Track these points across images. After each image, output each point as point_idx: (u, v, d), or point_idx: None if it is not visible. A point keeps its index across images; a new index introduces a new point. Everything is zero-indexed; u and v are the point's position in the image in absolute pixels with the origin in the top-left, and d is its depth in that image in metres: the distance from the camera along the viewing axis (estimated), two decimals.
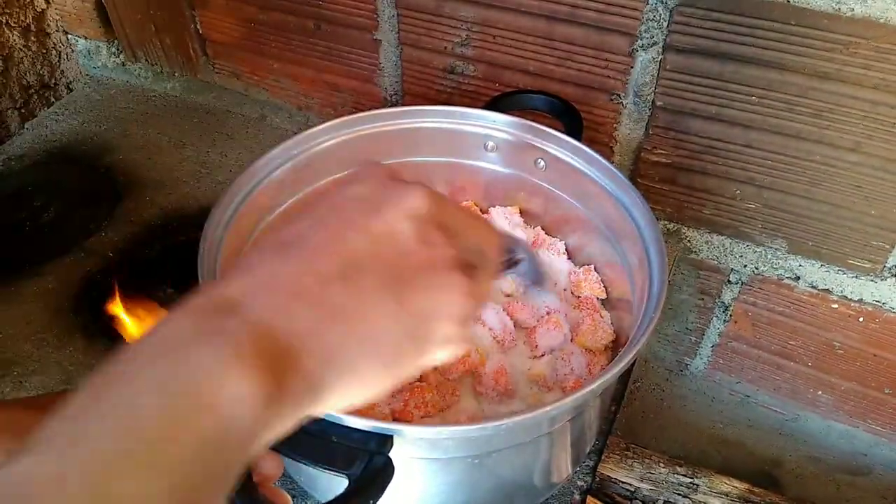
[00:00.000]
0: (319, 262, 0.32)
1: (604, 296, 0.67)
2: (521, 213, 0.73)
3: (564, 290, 0.69)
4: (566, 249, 0.71)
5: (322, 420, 0.43)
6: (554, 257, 0.69)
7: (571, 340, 0.64)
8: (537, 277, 0.65)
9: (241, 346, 0.28)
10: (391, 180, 0.37)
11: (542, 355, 0.63)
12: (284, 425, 0.30)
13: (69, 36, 1.09)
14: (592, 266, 0.68)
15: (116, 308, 0.79)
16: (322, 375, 0.30)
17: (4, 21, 0.99)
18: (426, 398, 0.57)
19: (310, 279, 0.31)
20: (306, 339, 0.30)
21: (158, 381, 0.26)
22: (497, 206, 0.72)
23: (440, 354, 0.35)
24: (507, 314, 0.64)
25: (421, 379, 0.60)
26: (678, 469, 0.69)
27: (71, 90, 1.10)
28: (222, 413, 0.26)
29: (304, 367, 0.29)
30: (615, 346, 0.65)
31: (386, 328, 0.32)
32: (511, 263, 0.57)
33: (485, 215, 0.73)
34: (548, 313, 0.64)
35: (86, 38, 1.09)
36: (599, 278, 0.67)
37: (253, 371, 0.27)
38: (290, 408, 0.29)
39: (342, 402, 0.32)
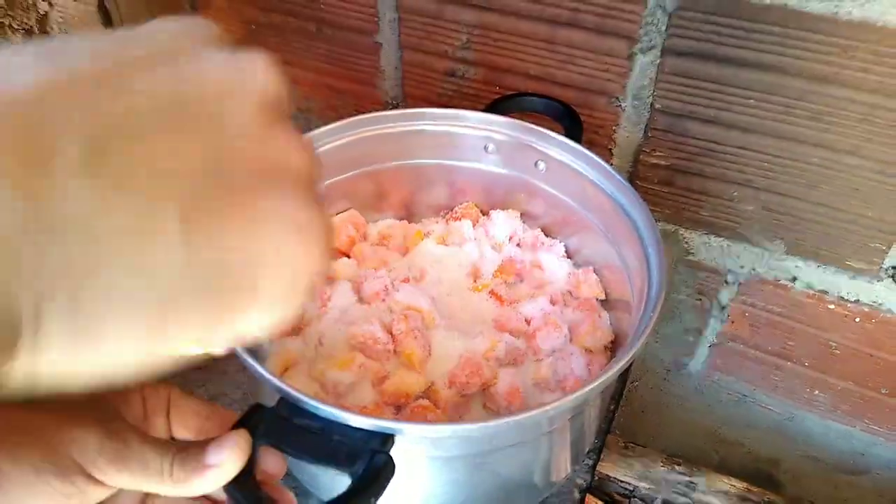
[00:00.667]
0: (55, 125, 0.18)
1: (603, 296, 0.68)
2: (521, 214, 0.73)
3: (565, 291, 0.69)
4: (566, 251, 0.71)
5: (324, 418, 0.43)
6: (553, 259, 0.70)
7: (571, 341, 0.64)
8: None
9: None
10: (224, 43, 0.23)
11: (544, 358, 0.63)
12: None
13: None
14: (591, 267, 0.68)
15: None
16: (39, 318, 0.18)
17: (7, 24, 0.99)
18: (427, 419, 0.57)
19: (43, 147, 0.17)
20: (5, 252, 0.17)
21: None
22: (497, 210, 0.73)
23: (268, 316, 0.21)
24: (499, 326, 0.65)
25: (428, 396, 0.59)
26: (676, 468, 0.69)
27: None
28: None
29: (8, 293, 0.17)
30: (614, 347, 0.65)
31: (161, 268, 0.19)
32: None
33: (484, 217, 0.74)
34: (544, 315, 0.65)
35: None
36: (598, 279, 0.68)
37: None
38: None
39: (73, 368, 0.19)
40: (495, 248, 0.71)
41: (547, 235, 0.72)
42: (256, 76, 0.22)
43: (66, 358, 0.19)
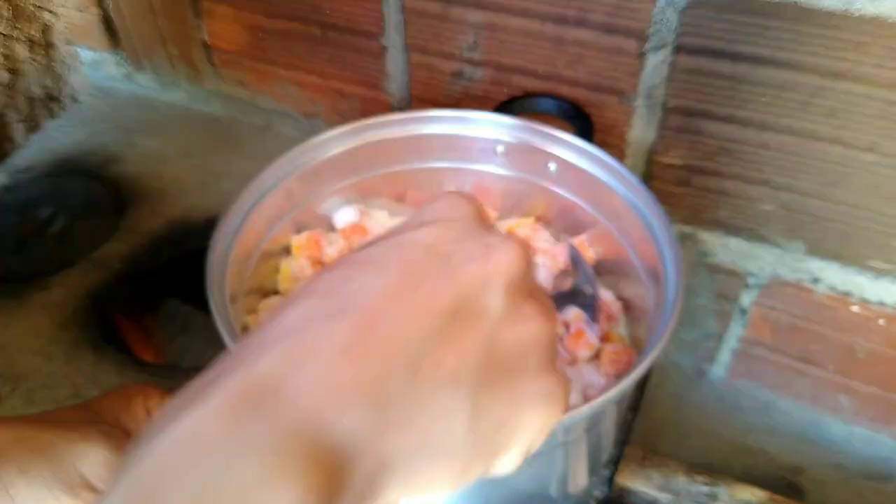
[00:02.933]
0: (379, 341, 0.25)
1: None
2: (535, 218, 0.72)
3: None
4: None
5: None
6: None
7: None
8: (595, 312, 0.62)
9: (286, 457, 0.22)
10: (477, 226, 0.29)
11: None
12: None
13: (75, 48, 1.09)
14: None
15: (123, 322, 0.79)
16: (375, 486, 0.25)
17: (14, 36, 0.99)
18: None
19: (368, 367, 0.24)
20: (360, 448, 0.24)
21: (192, 500, 0.21)
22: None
23: (510, 467, 0.29)
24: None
25: None
26: (698, 478, 0.68)
27: (77, 101, 1.10)
28: None
29: (357, 477, 0.24)
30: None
31: (456, 441, 0.26)
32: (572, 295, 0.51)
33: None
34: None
35: (92, 50, 1.09)
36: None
37: (302, 491, 0.22)
38: None
39: (398, 502, 0.27)
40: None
41: (559, 238, 0.71)
42: (503, 262, 0.28)
43: (395, 501, 0.26)
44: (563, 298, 0.50)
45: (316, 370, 0.24)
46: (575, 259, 0.59)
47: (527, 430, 0.28)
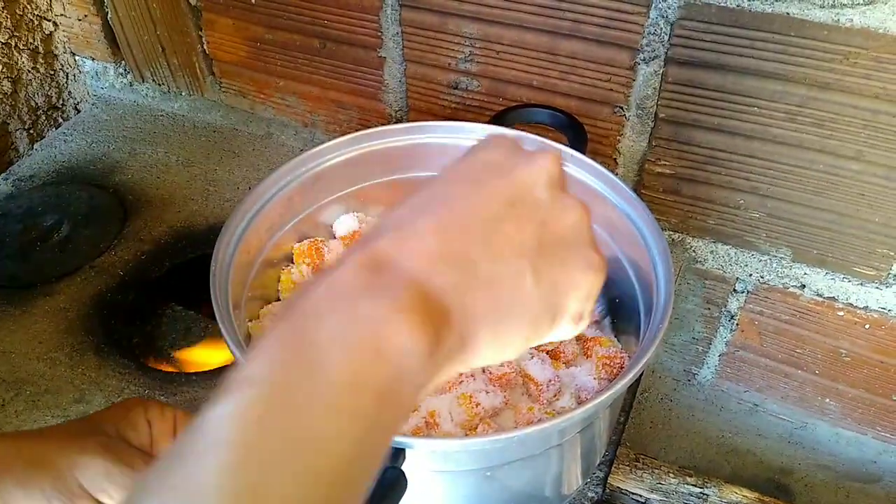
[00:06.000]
0: (461, 224, 0.32)
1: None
2: None
3: None
4: None
5: None
6: None
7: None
8: None
9: (403, 301, 0.29)
10: (518, 147, 0.37)
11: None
12: (439, 380, 0.31)
13: (76, 57, 1.10)
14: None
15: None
16: (468, 335, 0.31)
17: (13, 44, 1.00)
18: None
19: (454, 241, 0.31)
20: (454, 300, 0.30)
21: (335, 333, 0.28)
22: None
23: (570, 329, 0.36)
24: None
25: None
26: (688, 479, 0.69)
27: (79, 111, 1.11)
28: (395, 364, 0.28)
29: (454, 324, 0.30)
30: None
31: (524, 299, 0.33)
32: None
33: None
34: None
35: (93, 60, 1.10)
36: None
37: (417, 325, 0.28)
38: (445, 362, 0.31)
39: (482, 362, 0.33)
40: None
41: None
42: (543, 165, 0.35)
43: (480, 359, 0.33)
44: None
45: (416, 245, 0.31)
46: None
47: (577, 291, 0.35)
